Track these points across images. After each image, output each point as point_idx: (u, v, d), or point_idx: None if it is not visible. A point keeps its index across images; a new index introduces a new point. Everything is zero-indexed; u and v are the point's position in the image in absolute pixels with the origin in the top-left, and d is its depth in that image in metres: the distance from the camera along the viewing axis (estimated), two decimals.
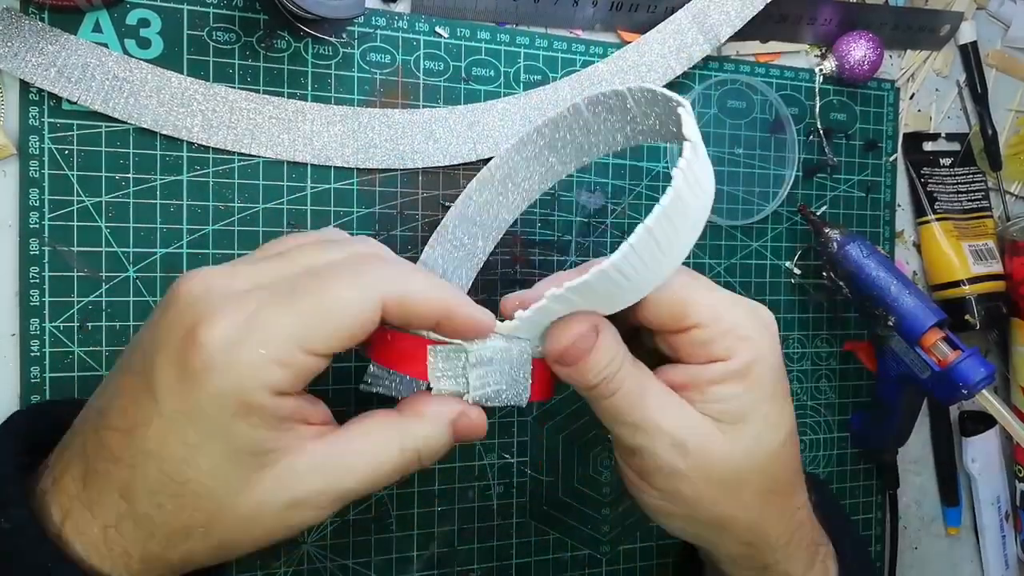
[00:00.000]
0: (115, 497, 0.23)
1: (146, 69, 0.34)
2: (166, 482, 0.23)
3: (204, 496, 0.23)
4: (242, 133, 0.36)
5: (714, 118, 0.46)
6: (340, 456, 0.25)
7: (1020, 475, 0.54)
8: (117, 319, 0.34)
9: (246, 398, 0.22)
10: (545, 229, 0.42)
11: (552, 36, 0.42)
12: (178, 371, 0.23)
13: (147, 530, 0.23)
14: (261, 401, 0.23)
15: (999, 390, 0.56)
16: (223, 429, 0.23)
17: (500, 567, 0.42)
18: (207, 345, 0.22)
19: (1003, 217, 0.55)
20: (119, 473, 0.23)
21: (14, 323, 0.33)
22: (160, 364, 0.23)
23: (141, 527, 0.23)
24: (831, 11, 0.47)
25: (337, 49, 0.38)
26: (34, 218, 0.33)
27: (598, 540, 0.44)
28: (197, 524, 0.24)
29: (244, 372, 0.22)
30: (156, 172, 0.35)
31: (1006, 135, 0.55)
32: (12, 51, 0.32)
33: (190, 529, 0.24)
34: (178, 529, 0.23)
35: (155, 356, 0.23)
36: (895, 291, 0.42)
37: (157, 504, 0.23)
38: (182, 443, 0.23)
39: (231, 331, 0.22)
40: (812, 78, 0.48)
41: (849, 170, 0.50)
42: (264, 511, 0.24)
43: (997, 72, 0.55)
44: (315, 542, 0.38)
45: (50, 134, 0.33)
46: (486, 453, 0.41)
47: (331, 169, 0.37)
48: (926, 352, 0.42)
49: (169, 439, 0.23)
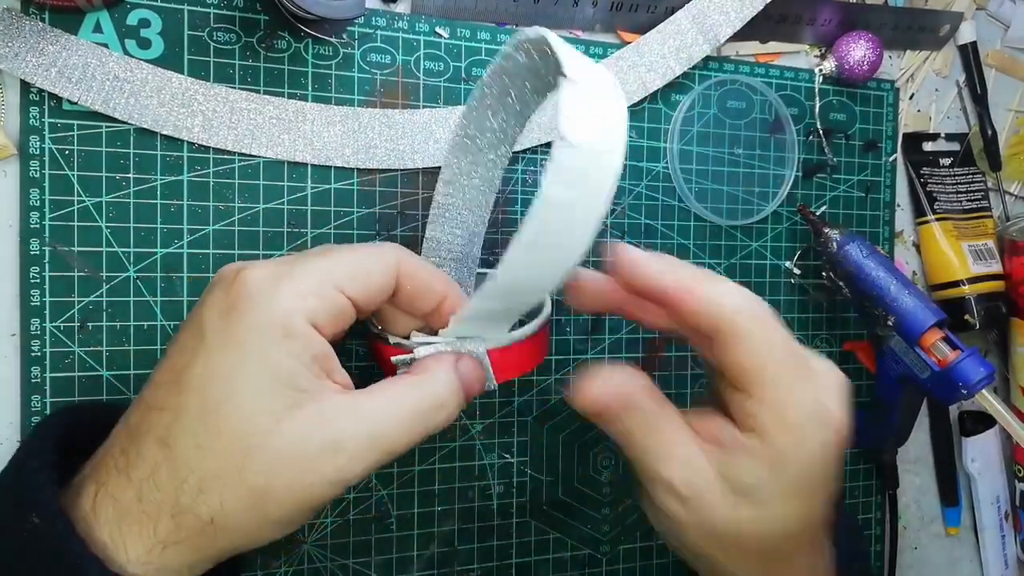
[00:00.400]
0: (154, 447, 0.24)
1: (146, 69, 0.34)
2: (205, 418, 0.24)
3: (239, 429, 0.24)
4: (243, 133, 0.36)
5: (714, 118, 0.46)
6: (368, 405, 0.26)
7: (1020, 475, 0.54)
8: (117, 319, 0.34)
9: (285, 321, 0.24)
10: None
11: None
12: (223, 308, 0.25)
13: (181, 476, 0.23)
14: (299, 327, 0.25)
15: (999, 390, 0.56)
16: (261, 353, 0.24)
17: (500, 567, 0.42)
18: (250, 281, 0.25)
19: (1003, 217, 0.55)
20: (160, 421, 0.24)
21: (14, 323, 0.33)
22: (208, 309, 0.25)
23: (176, 473, 0.24)
24: (831, 11, 0.47)
25: (337, 49, 0.38)
26: (34, 218, 0.33)
27: (598, 540, 0.44)
28: (232, 464, 0.23)
29: (283, 298, 0.25)
30: (156, 172, 0.35)
31: (1006, 135, 0.55)
32: (13, 51, 0.32)
33: (224, 471, 0.23)
34: (212, 471, 0.23)
35: (203, 308, 0.26)
36: (895, 291, 0.42)
37: (195, 444, 0.24)
38: (222, 373, 0.24)
39: (272, 270, 0.26)
40: (812, 78, 0.48)
41: (849, 170, 0.50)
42: (299, 452, 0.24)
43: (997, 72, 0.55)
44: (315, 542, 0.38)
45: (51, 134, 0.33)
46: (486, 453, 0.41)
47: (331, 169, 0.38)
48: (926, 352, 0.42)
49: (211, 372, 0.24)
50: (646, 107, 0.44)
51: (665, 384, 0.45)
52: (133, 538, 0.23)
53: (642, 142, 0.44)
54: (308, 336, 0.25)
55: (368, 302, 0.27)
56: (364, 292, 0.27)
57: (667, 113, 0.45)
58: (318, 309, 0.25)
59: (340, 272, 0.26)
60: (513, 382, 0.41)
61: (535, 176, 0.41)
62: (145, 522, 0.24)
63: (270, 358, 0.24)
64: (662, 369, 0.45)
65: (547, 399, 0.42)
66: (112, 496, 0.24)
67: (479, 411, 0.41)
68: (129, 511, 0.24)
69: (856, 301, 0.44)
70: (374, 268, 0.27)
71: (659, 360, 0.45)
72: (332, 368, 0.26)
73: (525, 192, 0.41)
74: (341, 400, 0.25)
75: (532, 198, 0.41)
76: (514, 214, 0.41)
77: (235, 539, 0.24)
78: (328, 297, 0.26)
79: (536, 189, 0.41)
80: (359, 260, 0.27)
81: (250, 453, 0.24)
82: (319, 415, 0.25)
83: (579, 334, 0.43)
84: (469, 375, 0.29)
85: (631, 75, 0.42)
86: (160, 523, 0.23)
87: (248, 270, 0.26)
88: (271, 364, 0.24)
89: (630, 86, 0.42)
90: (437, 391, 0.27)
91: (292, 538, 0.37)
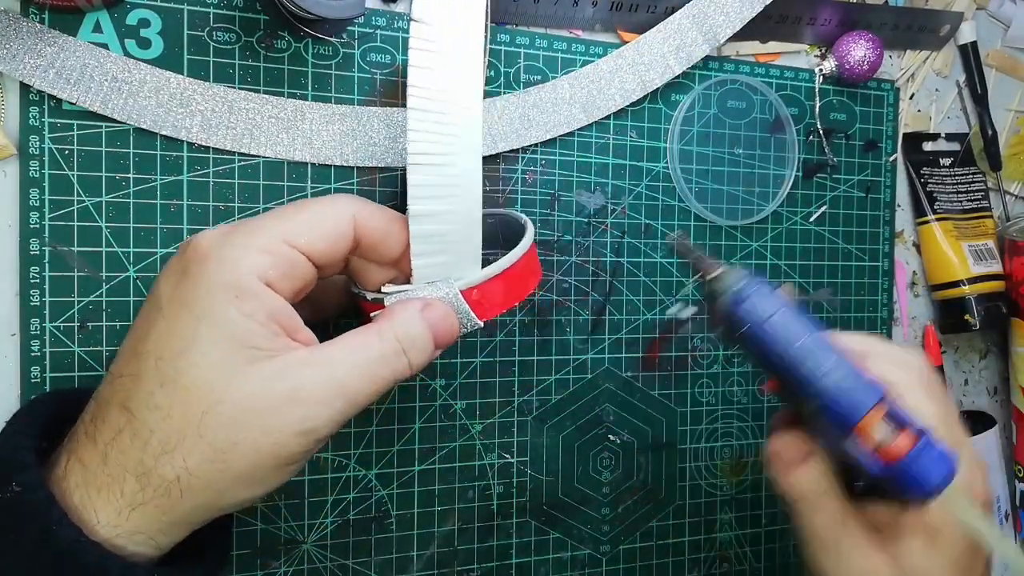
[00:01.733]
0: (116, 412, 0.24)
1: (144, 70, 0.34)
2: (162, 379, 0.24)
3: (197, 388, 0.24)
4: (241, 133, 0.36)
5: (714, 118, 0.46)
6: (330, 353, 0.26)
7: (1020, 475, 0.54)
8: (117, 319, 0.34)
9: (236, 280, 0.24)
10: (545, 229, 0.42)
11: (552, 36, 0.42)
12: (178, 274, 0.25)
13: (143, 438, 0.24)
14: (250, 285, 0.25)
15: (999, 391, 0.56)
16: (216, 315, 0.24)
17: (500, 567, 0.42)
18: (202, 243, 0.25)
19: (1003, 217, 0.55)
20: (122, 387, 0.24)
21: (14, 323, 0.33)
22: (164, 275, 0.26)
23: (138, 436, 0.24)
24: (831, 11, 0.47)
25: (337, 49, 0.38)
26: (34, 218, 0.33)
27: (598, 540, 0.44)
28: (190, 422, 0.23)
29: (232, 258, 0.25)
30: (156, 172, 0.35)
31: (1006, 135, 0.55)
32: (11, 53, 0.32)
33: (183, 430, 0.23)
34: (173, 431, 0.23)
35: (160, 277, 0.26)
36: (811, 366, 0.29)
37: (154, 406, 0.24)
38: (178, 336, 0.24)
39: (224, 231, 0.26)
40: (812, 78, 0.48)
41: (849, 170, 0.50)
42: (260, 404, 0.24)
43: (997, 72, 0.55)
44: (315, 542, 0.38)
45: (50, 134, 0.33)
46: (486, 453, 0.41)
47: (331, 169, 0.38)
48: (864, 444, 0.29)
49: (167, 335, 0.24)
50: (646, 107, 0.44)
51: (664, 384, 0.45)
52: (102, 502, 0.24)
53: (642, 142, 0.44)
54: (261, 293, 0.25)
55: (325, 255, 0.27)
56: (319, 245, 0.27)
57: (667, 113, 0.45)
58: (269, 265, 0.25)
59: (290, 227, 0.26)
60: (513, 383, 0.41)
61: (535, 176, 0.41)
62: (112, 485, 0.24)
63: (223, 317, 0.24)
64: (662, 369, 0.45)
65: (547, 399, 0.42)
66: (80, 461, 0.24)
67: (479, 411, 0.41)
68: (96, 475, 0.24)
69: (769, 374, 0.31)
70: (326, 219, 0.27)
71: (659, 360, 0.45)
72: (294, 327, 0.26)
73: (525, 191, 0.41)
74: (301, 353, 0.25)
75: (532, 198, 0.41)
76: None
77: (203, 499, 0.24)
78: (279, 252, 0.26)
79: (536, 189, 0.41)
80: (310, 213, 0.27)
81: (209, 409, 0.24)
82: (277, 368, 0.24)
83: (579, 334, 0.43)
84: (438, 321, 0.28)
85: (630, 74, 0.42)
86: (126, 485, 0.24)
87: (198, 235, 0.26)
88: (224, 323, 0.24)
89: (630, 85, 0.42)
90: (403, 333, 0.27)
91: (292, 538, 0.37)
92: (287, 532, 0.37)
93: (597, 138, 0.43)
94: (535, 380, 0.42)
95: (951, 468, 0.28)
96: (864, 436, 0.29)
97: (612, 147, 0.43)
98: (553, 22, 0.42)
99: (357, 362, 0.26)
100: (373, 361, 0.26)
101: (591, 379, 0.43)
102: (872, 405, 0.29)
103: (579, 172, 0.42)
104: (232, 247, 0.25)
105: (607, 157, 0.43)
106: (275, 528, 0.37)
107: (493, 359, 0.41)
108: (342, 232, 0.27)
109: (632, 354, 0.44)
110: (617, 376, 0.44)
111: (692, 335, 0.46)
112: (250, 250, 0.25)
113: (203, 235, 0.26)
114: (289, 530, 0.37)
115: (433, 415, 0.40)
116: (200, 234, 0.26)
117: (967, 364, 0.56)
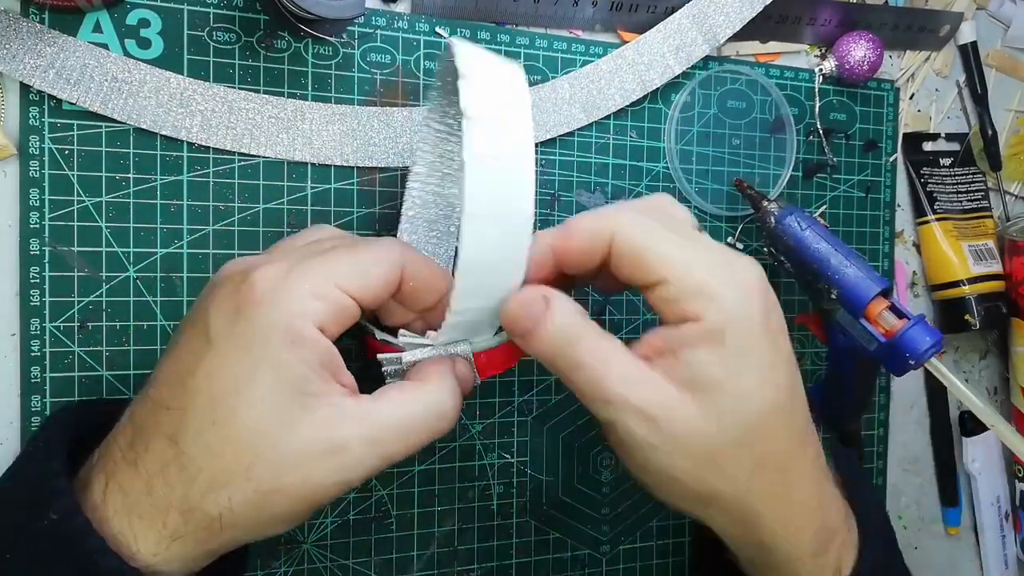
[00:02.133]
0: (163, 444, 0.24)
1: (144, 70, 0.34)
2: (215, 418, 0.24)
3: (250, 431, 0.24)
4: (241, 132, 0.36)
5: (714, 118, 0.46)
6: (373, 409, 0.26)
7: (1020, 475, 0.54)
8: (117, 319, 0.34)
9: (292, 325, 0.25)
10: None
11: (552, 36, 0.42)
12: (231, 310, 0.25)
13: (191, 474, 0.24)
14: (305, 331, 0.25)
15: (999, 390, 0.56)
16: (271, 358, 0.24)
17: (500, 567, 0.42)
18: (259, 282, 0.25)
19: (1003, 217, 0.55)
20: (169, 419, 0.24)
21: (14, 323, 0.33)
22: (215, 308, 0.25)
23: (186, 471, 0.24)
24: (831, 11, 0.47)
25: (337, 49, 0.38)
26: (34, 218, 0.33)
27: (598, 540, 0.44)
28: (240, 464, 0.24)
29: (291, 301, 0.25)
30: (156, 172, 0.35)
31: (1006, 135, 0.55)
32: (10, 53, 0.32)
33: (233, 471, 0.24)
34: (221, 471, 0.24)
35: (209, 307, 0.26)
36: (835, 263, 0.40)
37: (205, 444, 0.24)
38: (232, 376, 0.24)
39: (280, 271, 0.26)
40: (812, 78, 0.48)
41: (849, 170, 0.50)
42: (306, 453, 0.24)
43: (997, 72, 0.55)
44: (315, 542, 0.38)
45: (50, 134, 0.33)
46: (486, 453, 0.41)
47: (331, 169, 0.38)
48: (872, 324, 0.39)
49: (221, 374, 0.24)
50: (646, 107, 0.44)
51: None
52: (144, 531, 0.24)
53: (642, 142, 0.44)
54: (315, 340, 0.25)
55: (372, 300, 0.27)
56: (368, 291, 0.27)
57: (667, 113, 0.45)
58: (324, 312, 0.26)
59: (344, 272, 0.26)
60: (513, 383, 0.41)
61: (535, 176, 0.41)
62: (156, 516, 0.24)
63: (279, 363, 0.24)
64: None
65: (547, 399, 0.42)
66: (121, 488, 0.24)
67: (479, 411, 0.41)
68: (139, 504, 0.24)
69: (799, 275, 0.42)
70: (378, 267, 0.27)
71: None
72: (337, 369, 0.26)
73: None
74: (347, 404, 0.26)
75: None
76: None
77: (238, 535, 0.25)
78: (333, 299, 0.26)
79: (536, 189, 0.41)
80: (362, 258, 0.27)
81: (259, 453, 0.24)
82: (326, 418, 0.25)
83: None
84: (465, 379, 0.29)
85: (630, 73, 0.42)
86: (169, 517, 0.24)
87: (256, 272, 0.26)
88: (280, 369, 0.24)
89: (629, 85, 0.42)
90: (443, 399, 0.27)
91: (292, 538, 0.37)
92: (287, 532, 0.37)
93: (597, 138, 0.43)
94: (535, 380, 0.42)
95: (938, 340, 0.38)
96: (872, 316, 0.39)
97: (612, 147, 0.43)
98: (553, 22, 0.42)
99: (399, 424, 0.26)
100: (415, 424, 0.27)
101: None
102: (878, 291, 0.39)
103: (579, 172, 0.42)
104: (288, 291, 0.25)
105: (607, 157, 0.43)
106: None
107: None
108: (391, 281, 0.28)
109: None
110: None
111: None
112: (305, 295, 0.25)
113: (260, 272, 0.26)
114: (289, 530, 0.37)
115: None
116: (257, 270, 0.26)
117: (967, 364, 0.56)
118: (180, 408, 0.24)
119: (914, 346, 0.38)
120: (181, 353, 0.26)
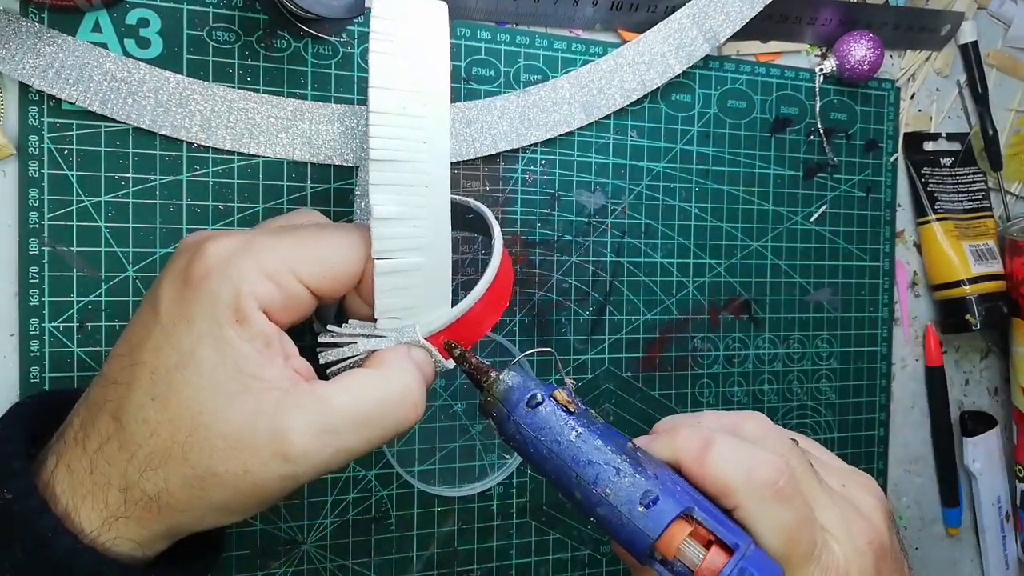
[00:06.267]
0: (106, 420, 0.24)
1: (144, 69, 0.34)
2: (155, 393, 0.23)
3: (188, 409, 0.23)
4: (241, 132, 0.36)
5: (714, 118, 0.46)
6: (326, 395, 0.24)
7: (1020, 475, 0.54)
8: (117, 319, 0.34)
9: (237, 303, 0.24)
10: (545, 229, 0.42)
11: (552, 36, 0.42)
12: (181, 283, 0.24)
13: (130, 451, 0.23)
14: (250, 311, 0.24)
15: (999, 391, 0.56)
16: (215, 334, 0.23)
17: (500, 567, 0.42)
18: (209, 254, 0.24)
19: (1004, 217, 0.55)
20: (115, 394, 0.24)
21: (14, 323, 0.33)
22: (167, 280, 0.25)
23: (125, 448, 0.23)
24: (831, 11, 0.47)
25: (337, 49, 0.38)
26: (34, 218, 0.33)
27: (598, 540, 0.44)
28: (177, 443, 0.23)
29: (239, 277, 0.24)
30: (156, 172, 0.35)
31: (1006, 135, 0.55)
32: (10, 53, 0.32)
33: (169, 451, 0.23)
34: (158, 449, 0.23)
35: (163, 278, 0.25)
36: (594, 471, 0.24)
37: (143, 418, 0.23)
38: (176, 350, 0.23)
39: (233, 245, 0.25)
40: (812, 78, 0.48)
41: (849, 170, 0.50)
42: (245, 440, 0.23)
43: (997, 72, 0.55)
44: (315, 542, 0.38)
45: (50, 134, 0.33)
46: (486, 453, 0.41)
47: (331, 169, 0.37)
48: (666, 566, 0.24)
49: (165, 347, 0.24)
50: (646, 106, 0.44)
51: (665, 384, 0.45)
52: (87, 510, 0.23)
53: (642, 142, 0.44)
54: (260, 322, 0.24)
55: (328, 291, 0.26)
56: (326, 283, 0.26)
57: (667, 113, 0.44)
58: (272, 297, 0.24)
59: (302, 258, 0.25)
60: None
61: (535, 176, 0.41)
62: (97, 494, 0.23)
63: (222, 339, 0.23)
64: (662, 369, 0.45)
65: None
66: (68, 467, 0.24)
67: (479, 411, 0.41)
68: (82, 482, 0.23)
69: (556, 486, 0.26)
70: (340, 260, 0.26)
71: (659, 360, 0.45)
72: (290, 353, 0.25)
73: (525, 191, 0.41)
74: (296, 389, 0.24)
75: (532, 198, 0.41)
76: (513, 214, 0.41)
77: (181, 519, 0.24)
78: (284, 284, 0.25)
79: (536, 188, 0.41)
80: (325, 247, 0.26)
81: (195, 434, 0.23)
82: (269, 402, 0.23)
83: (579, 334, 0.43)
84: (424, 365, 0.27)
85: (630, 73, 0.42)
86: (110, 495, 0.23)
87: (209, 243, 0.25)
88: (222, 346, 0.23)
89: (630, 85, 0.42)
90: (406, 382, 0.25)
91: (292, 538, 0.37)
92: (287, 532, 0.37)
93: (597, 138, 0.43)
94: None
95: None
96: (668, 554, 0.23)
97: (612, 147, 0.43)
98: (553, 21, 0.42)
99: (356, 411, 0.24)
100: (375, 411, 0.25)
101: (591, 379, 0.43)
102: (669, 521, 0.23)
103: (579, 172, 0.42)
104: (239, 268, 0.24)
105: (607, 157, 0.43)
106: (275, 528, 0.37)
107: (493, 360, 0.41)
108: (352, 273, 0.26)
109: (632, 354, 0.44)
110: (617, 376, 0.44)
111: (692, 335, 0.46)
112: (256, 275, 0.24)
113: (213, 244, 0.24)
114: (289, 530, 0.37)
115: (433, 415, 0.40)
116: (210, 241, 0.25)
117: (968, 364, 0.56)
118: (126, 383, 0.24)
119: None
120: (134, 326, 0.25)
